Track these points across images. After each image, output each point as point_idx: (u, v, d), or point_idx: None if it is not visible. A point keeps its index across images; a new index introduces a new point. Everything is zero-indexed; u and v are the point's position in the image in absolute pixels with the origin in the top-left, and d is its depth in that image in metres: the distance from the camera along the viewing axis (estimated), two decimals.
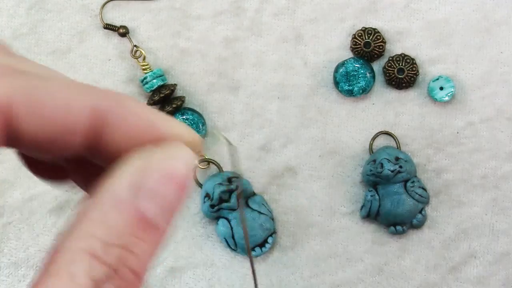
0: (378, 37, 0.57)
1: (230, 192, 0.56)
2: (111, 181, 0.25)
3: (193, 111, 0.58)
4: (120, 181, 0.25)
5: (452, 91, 0.56)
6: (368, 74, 0.57)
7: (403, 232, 0.57)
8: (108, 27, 0.58)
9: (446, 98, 0.57)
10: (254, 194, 0.58)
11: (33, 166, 0.30)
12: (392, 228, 0.57)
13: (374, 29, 0.57)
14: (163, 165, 0.25)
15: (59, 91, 0.25)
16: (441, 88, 0.57)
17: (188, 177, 0.25)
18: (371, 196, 0.56)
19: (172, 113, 0.57)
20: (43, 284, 0.22)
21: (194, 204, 0.58)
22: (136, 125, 0.26)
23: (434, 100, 0.57)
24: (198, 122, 0.58)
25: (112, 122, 0.25)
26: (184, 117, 0.57)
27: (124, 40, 0.58)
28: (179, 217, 0.58)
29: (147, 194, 0.25)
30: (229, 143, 0.29)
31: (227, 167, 0.58)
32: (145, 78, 0.57)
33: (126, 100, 0.26)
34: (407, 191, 0.56)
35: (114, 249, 0.24)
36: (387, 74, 0.57)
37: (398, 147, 0.57)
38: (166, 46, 0.58)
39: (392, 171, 0.55)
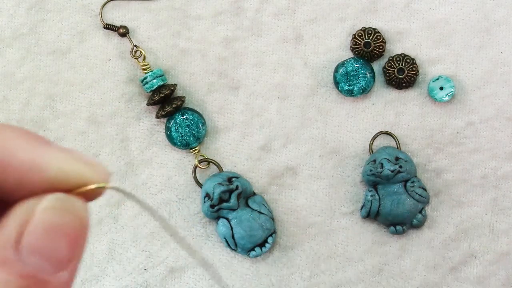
0: (378, 37, 0.57)
1: (230, 192, 0.56)
2: None
3: (193, 111, 0.58)
4: (2, 238, 0.23)
5: (452, 91, 0.56)
6: (368, 74, 0.57)
7: (403, 232, 0.57)
8: (108, 27, 0.58)
9: (446, 98, 0.57)
10: (254, 194, 0.58)
11: None
12: (392, 228, 0.57)
13: (374, 29, 0.57)
14: (45, 218, 0.23)
15: None
16: (441, 88, 0.57)
17: (75, 228, 0.24)
18: (371, 196, 0.56)
19: (172, 113, 0.57)
20: None
21: (194, 204, 0.58)
22: (20, 170, 0.24)
23: (434, 100, 0.57)
24: (198, 122, 0.58)
25: None
26: (184, 117, 0.57)
27: (124, 40, 0.58)
28: (180, 217, 0.58)
29: (33, 250, 0.23)
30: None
31: (227, 167, 0.58)
32: (145, 78, 0.57)
33: (7, 140, 0.24)
34: (407, 191, 0.56)
35: None
36: (387, 74, 0.57)
37: (398, 147, 0.57)
38: (166, 46, 0.58)
39: (392, 171, 0.55)
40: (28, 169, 0.24)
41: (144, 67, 0.57)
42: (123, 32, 0.58)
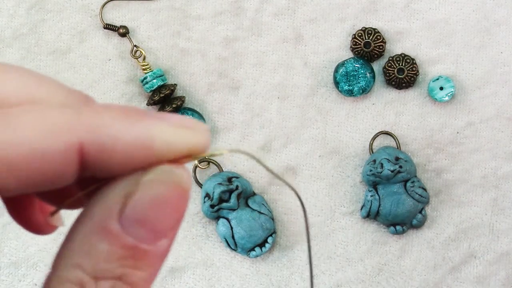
0: (378, 37, 0.57)
1: (230, 192, 0.56)
2: (97, 209, 0.24)
3: (193, 111, 0.58)
4: (106, 210, 0.24)
5: (452, 91, 0.56)
6: (368, 74, 0.57)
7: (403, 232, 0.57)
8: (108, 27, 0.58)
9: (446, 98, 0.57)
10: (254, 194, 0.58)
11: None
12: (392, 228, 0.57)
13: (374, 29, 0.57)
14: (150, 190, 0.24)
15: (26, 135, 0.23)
16: (441, 88, 0.57)
17: (179, 198, 0.24)
18: (371, 196, 0.56)
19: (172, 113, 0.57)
20: None
21: (194, 204, 0.58)
22: (126, 150, 0.24)
23: (434, 100, 0.57)
24: None
25: (99, 153, 0.23)
26: None
27: (124, 40, 0.58)
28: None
29: (136, 221, 0.24)
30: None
31: (227, 167, 0.58)
32: (145, 78, 0.57)
33: (110, 123, 0.24)
34: (407, 191, 0.56)
35: (106, 281, 0.23)
36: (387, 74, 0.57)
37: (398, 147, 0.57)
38: (166, 46, 0.58)
39: (392, 171, 0.55)
40: (133, 149, 0.24)
41: (144, 67, 0.57)
42: (123, 32, 0.58)
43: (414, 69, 0.57)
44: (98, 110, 0.24)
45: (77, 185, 0.27)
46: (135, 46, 0.58)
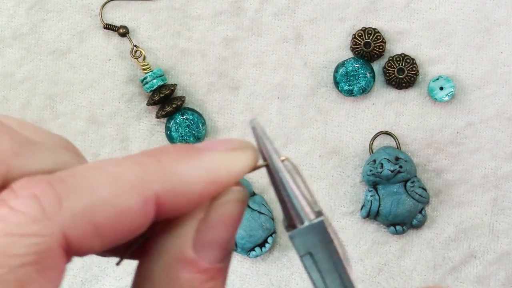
0: (378, 37, 0.57)
1: None
2: (171, 241, 0.25)
3: (193, 111, 0.58)
4: (181, 240, 0.25)
5: (452, 91, 0.56)
6: (368, 74, 0.57)
7: (403, 232, 0.57)
8: (108, 27, 0.58)
9: (446, 98, 0.57)
10: (254, 194, 0.58)
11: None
12: (392, 228, 0.57)
13: (374, 29, 0.57)
14: (221, 212, 0.25)
15: (105, 195, 0.23)
16: (441, 88, 0.57)
17: (242, 213, 0.26)
18: (371, 196, 0.56)
19: (172, 113, 0.57)
20: None
21: None
22: (196, 189, 0.25)
23: (434, 100, 0.57)
24: (198, 122, 0.58)
25: (172, 199, 0.24)
26: (184, 117, 0.57)
27: (124, 40, 0.58)
28: None
29: (209, 244, 0.25)
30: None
31: None
32: (145, 78, 0.57)
33: (176, 168, 0.24)
34: (407, 191, 0.56)
35: None
36: (387, 74, 0.57)
37: (398, 147, 0.57)
38: (166, 46, 0.58)
39: (392, 171, 0.55)
40: (203, 186, 0.25)
41: (144, 67, 0.57)
42: (123, 32, 0.58)
43: (414, 69, 0.57)
44: (156, 157, 0.24)
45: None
46: (135, 46, 0.58)
